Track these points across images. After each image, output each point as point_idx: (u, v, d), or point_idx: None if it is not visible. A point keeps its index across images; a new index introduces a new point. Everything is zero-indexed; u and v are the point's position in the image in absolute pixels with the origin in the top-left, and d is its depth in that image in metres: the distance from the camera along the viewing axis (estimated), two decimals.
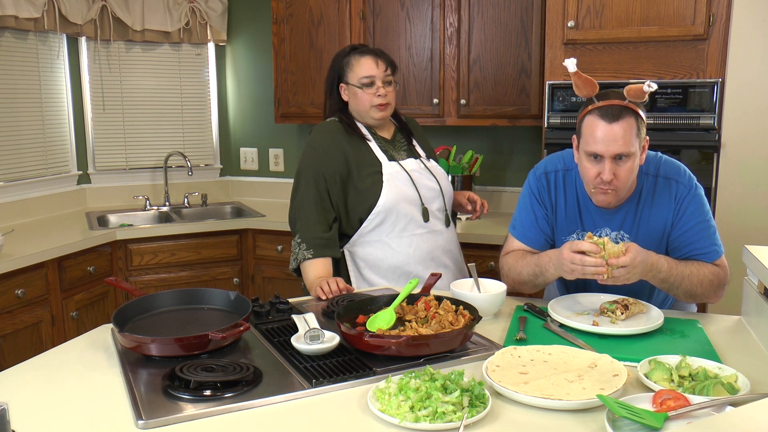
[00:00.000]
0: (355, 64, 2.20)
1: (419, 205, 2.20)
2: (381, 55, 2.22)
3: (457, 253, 2.36)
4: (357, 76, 2.19)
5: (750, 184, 2.65)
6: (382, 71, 2.19)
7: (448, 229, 2.30)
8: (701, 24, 2.62)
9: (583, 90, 1.72)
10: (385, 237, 2.19)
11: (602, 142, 1.67)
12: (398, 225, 2.18)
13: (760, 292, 1.68)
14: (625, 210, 1.83)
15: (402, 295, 1.67)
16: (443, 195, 2.27)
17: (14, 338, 2.67)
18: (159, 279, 3.33)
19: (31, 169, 3.50)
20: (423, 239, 2.21)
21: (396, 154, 2.25)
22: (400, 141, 2.32)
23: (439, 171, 2.33)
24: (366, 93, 2.18)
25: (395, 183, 2.17)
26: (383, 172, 2.17)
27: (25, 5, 3.22)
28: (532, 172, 1.97)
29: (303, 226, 2.14)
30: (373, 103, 2.18)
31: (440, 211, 2.26)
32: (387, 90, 2.20)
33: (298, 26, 3.56)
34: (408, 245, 2.19)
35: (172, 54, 3.98)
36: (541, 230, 1.92)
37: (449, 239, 2.30)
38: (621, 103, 1.68)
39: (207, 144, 4.18)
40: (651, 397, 1.25)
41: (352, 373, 1.40)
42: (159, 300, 1.74)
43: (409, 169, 2.23)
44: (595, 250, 1.62)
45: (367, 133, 2.24)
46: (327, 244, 2.13)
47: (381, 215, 2.16)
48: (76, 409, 1.28)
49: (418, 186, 2.21)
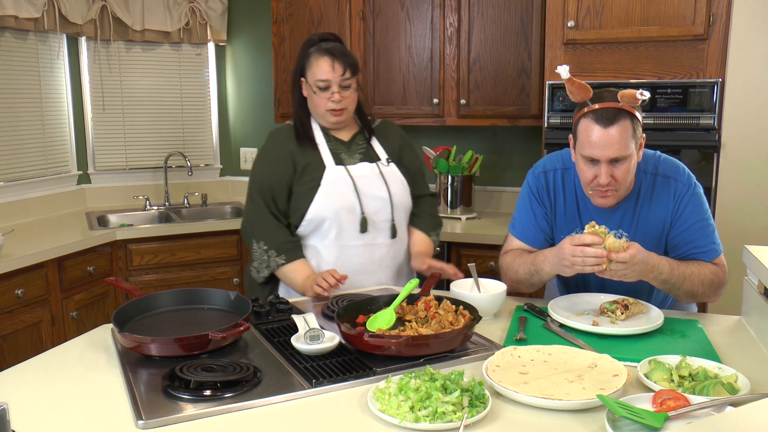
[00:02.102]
0: (314, 63, 2.07)
1: (358, 214, 2.09)
2: (340, 56, 2.06)
3: (402, 267, 2.22)
4: (313, 77, 2.06)
5: (750, 184, 2.65)
6: (338, 75, 2.04)
7: (393, 242, 2.16)
8: (701, 24, 2.62)
9: (577, 95, 1.72)
10: (318, 244, 2.12)
11: (598, 146, 1.67)
12: (331, 234, 2.09)
13: (760, 292, 1.68)
14: (624, 208, 1.83)
15: (402, 295, 1.67)
16: (392, 205, 2.13)
17: (14, 338, 2.67)
18: (159, 279, 3.33)
19: (31, 169, 3.50)
20: (356, 251, 2.11)
21: (348, 158, 2.13)
22: (359, 143, 2.19)
23: (396, 177, 2.18)
24: (320, 97, 2.07)
25: (334, 190, 2.07)
26: (323, 178, 2.07)
27: (25, 5, 3.22)
28: (531, 171, 1.97)
29: (266, 233, 2.09)
30: (327, 107, 2.07)
31: (386, 221, 2.13)
32: (344, 95, 2.06)
33: (298, 26, 3.56)
34: (337, 256, 2.11)
35: (172, 54, 3.98)
36: (541, 229, 1.93)
37: (392, 253, 2.17)
38: (616, 105, 1.67)
39: (207, 144, 4.18)
40: (651, 397, 1.25)
41: (352, 373, 1.40)
42: (159, 300, 1.74)
43: (357, 174, 2.11)
44: (597, 242, 1.62)
45: (321, 135, 2.14)
46: (296, 246, 2.10)
47: (313, 223, 2.09)
48: (76, 409, 1.28)
49: (362, 194, 2.08)
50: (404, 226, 2.21)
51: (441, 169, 3.45)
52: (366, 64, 3.47)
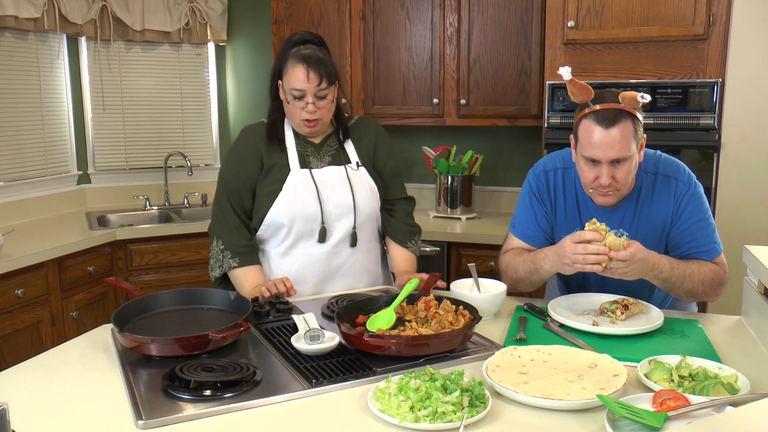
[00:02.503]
0: (290, 69, 1.95)
1: (318, 222, 2.02)
2: (315, 65, 1.93)
3: (364, 273, 2.13)
4: (288, 84, 1.96)
5: (750, 184, 2.65)
6: (314, 86, 1.92)
7: (353, 250, 2.08)
8: (701, 24, 2.62)
9: (578, 96, 1.72)
10: (272, 249, 2.07)
11: (599, 147, 1.67)
12: (287, 241, 2.04)
13: (760, 292, 1.68)
14: (624, 208, 1.83)
15: (402, 295, 1.67)
16: (355, 212, 2.04)
17: (14, 338, 2.67)
18: (159, 279, 3.33)
19: (31, 169, 3.50)
20: (311, 259, 2.04)
21: (316, 161, 2.05)
22: (330, 145, 2.09)
23: (364, 182, 2.08)
24: (294, 106, 1.96)
25: (294, 195, 2.00)
26: (286, 182, 2.00)
27: (25, 5, 3.22)
28: (532, 171, 1.97)
29: (224, 233, 2.04)
30: (302, 117, 1.97)
31: (347, 229, 2.05)
32: (319, 105, 1.95)
33: (298, 26, 3.56)
34: (292, 263, 2.05)
35: (172, 54, 3.98)
36: (541, 228, 1.93)
37: (352, 261, 2.09)
38: (617, 107, 1.67)
39: (207, 144, 4.18)
40: (651, 397, 1.25)
41: (352, 373, 1.40)
42: (159, 300, 1.74)
43: (322, 179, 2.03)
44: (597, 238, 1.63)
45: (291, 137, 2.06)
46: (251, 251, 2.04)
47: (271, 228, 2.03)
48: (76, 409, 1.28)
49: (324, 200, 2.01)
50: (369, 234, 2.12)
51: (441, 169, 3.45)
52: (366, 64, 3.47)
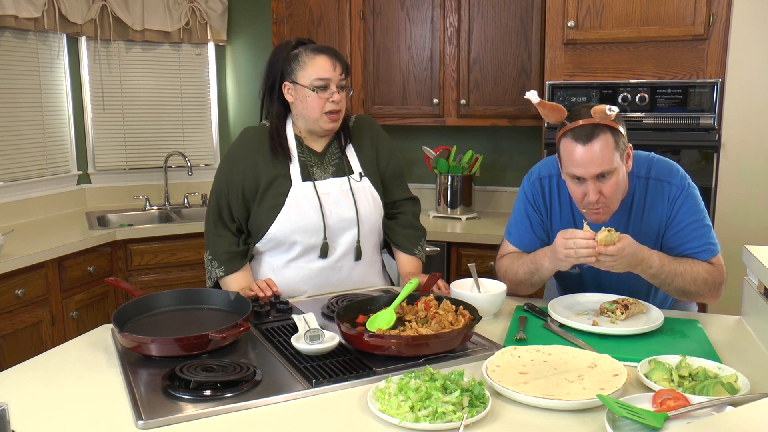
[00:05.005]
0: (308, 62, 1.92)
1: (321, 237, 1.99)
2: (337, 56, 1.95)
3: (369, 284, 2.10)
4: (309, 76, 1.91)
5: (750, 184, 2.65)
6: (338, 74, 1.93)
7: (357, 264, 2.06)
8: (701, 24, 2.62)
9: (551, 117, 1.70)
10: (276, 261, 2.05)
11: (580, 164, 1.66)
12: (290, 254, 2.02)
13: (760, 292, 1.68)
14: (619, 214, 1.83)
15: (402, 295, 1.67)
16: (359, 225, 2.02)
17: (14, 338, 2.67)
18: (159, 279, 3.33)
19: (31, 169, 3.50)
20: (313, 273, 2.02)
21: (320, 172, 2.02)
22: (332, 154, 2.06)
23: (367, 194, 2.05)
24: (319, 97, 1.92)
25: (297, 210, 1.96)
26: (289, 196, 1.97)
27: (25, 5, 3.22)
28: (527, 178, 1.97)
29: (211, 242, 2.03)
30: (326, 109, 1.93)
31: (351, 243, 2.03)
32: (341, 96, 1.95)
33: (298, 26, 3.56)
34: (294, 276, 2.03)
35: (172, 54, 3.98)
36: (537, 235, 1.93)
37: (356, 276, 2.06)
38: (592, 122, 1.65)
39: (207, 144, 4.18)
40: (651, 397, 1.25)
41: (352, 373, 1.40)
42: (159, 300, 1.74)
43: (324, 191, 1.99)
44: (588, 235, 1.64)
45: (293, 146, 2.01)
46: (235, 256, 2.01)
47: (273, 242, 2.01)
48: (76, 409, 1.28)
49: (327, 214, 1.98)
50: (371, 247, 2.10)
51: (441, 169, 3.45)
52: (366, 64, 3.47)
